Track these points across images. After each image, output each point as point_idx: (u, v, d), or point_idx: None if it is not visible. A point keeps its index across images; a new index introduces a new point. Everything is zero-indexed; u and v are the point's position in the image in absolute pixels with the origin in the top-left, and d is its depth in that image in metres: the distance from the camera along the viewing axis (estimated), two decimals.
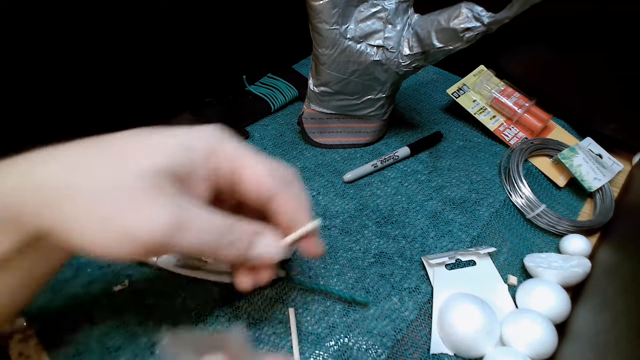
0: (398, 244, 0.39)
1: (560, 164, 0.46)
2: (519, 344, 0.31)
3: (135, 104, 0.47)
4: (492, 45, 0.50)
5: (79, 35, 0.39)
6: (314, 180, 0.45)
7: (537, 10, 0.34)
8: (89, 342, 0.30)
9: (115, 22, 0.41)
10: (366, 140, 0.49)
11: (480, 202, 0.43)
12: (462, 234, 0.40)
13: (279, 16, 0.56)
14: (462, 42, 0.37)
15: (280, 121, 0.52)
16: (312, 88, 0.44)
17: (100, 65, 0.42)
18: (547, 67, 0.51)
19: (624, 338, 0.25)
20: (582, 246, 0.38)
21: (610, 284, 0.33)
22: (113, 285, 0.34)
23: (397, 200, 0.43)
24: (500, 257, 0.39)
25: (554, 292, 0.34)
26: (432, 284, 0.36)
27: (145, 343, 0.31)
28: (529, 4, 0.33)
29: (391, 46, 0.40)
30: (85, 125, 0.44)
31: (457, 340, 0.31)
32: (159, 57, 0.46)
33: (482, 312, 0.32)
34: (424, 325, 0.34)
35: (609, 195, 0.44)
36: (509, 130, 0.51)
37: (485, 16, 0.35)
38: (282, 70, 0.59)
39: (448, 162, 0.48)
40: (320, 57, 0.40)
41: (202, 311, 0.33)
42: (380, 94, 0.44)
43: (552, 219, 0.41)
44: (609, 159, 0.48)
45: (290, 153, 0.48)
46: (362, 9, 0.39)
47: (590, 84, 0.48)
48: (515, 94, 0.51)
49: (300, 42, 0.52)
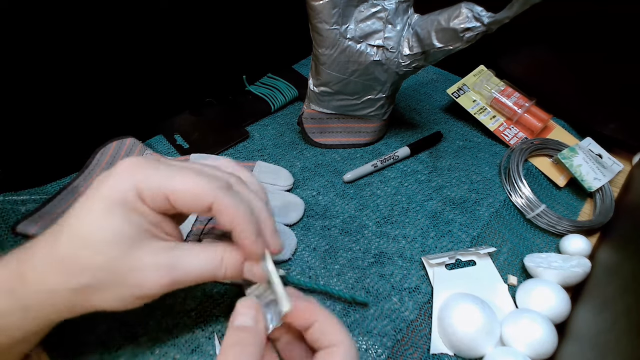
0: (398, 244, 0.39)
1: (560, 164, 0.46)
2: (519, 344, 0.31)
3: (136, 103, 0.47)
4: (492, 45, 0.50)
5: (79, 36, 0.39)
6: (314, 180, 0.45)
7: (537, 10, 0.34)
8: (89, 342, 0.30)
9: (115, 22, 0.41)
10: (366, 140, 0.49)
11: (480, 202, 0.43)
12: (462, 234, 0.40)
13: (279, 16, 0.56)
14: (462, 42, 0.37)
15: (280, 121, 0.52)
16: (312, 88, 0.44)
17: (101, 65, 0.42)
18: (547, 67, 0.51)
19: (624, 338, 0.25)
20: (582, 246, 0.38)
21: (610, 284, 0.33)
22: None
23: (397, 200, 0.43)
24: (500, 257, 0.39)
25: (554, 292, 0.34)
26: (432, 284, 0.36)
27: (145, 343, 0.31)
28: (529, 4, 0.33)
29: (391, 46, 0.40)
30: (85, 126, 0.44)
31: (457, 340, 0.31)
32: (159, 57, 0.46)
33: (482, 312, 0.32)
34: (424, 325, 0.34)
35: (609, 195, 0.44)
36: (509, 130, 0.51)
37: (485, 16, 0.35)
38: (282, 70, 0.59)
39: (448, 162, 0.48)
40: (320, 57, 0.40)
41: (202, 311, 0.33)
42: (380, 94, 0.44)
43: (552, 219, 0.41)
44: (609, 159, 0.48)
45: (290, 153, 0.48)
46: (362, 9, 0.39)
47: (590, 84, 0.48)
48: (515, 94, 0.51)
49: (300, 42, 0.52)
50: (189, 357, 0.30)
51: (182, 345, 0.31)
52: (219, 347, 0.31)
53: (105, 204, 0.23)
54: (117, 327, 0.31)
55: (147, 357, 0.30)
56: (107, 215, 0.23)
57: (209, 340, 0.31)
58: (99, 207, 0.23)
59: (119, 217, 0.23)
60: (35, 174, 0.41)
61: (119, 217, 0.23)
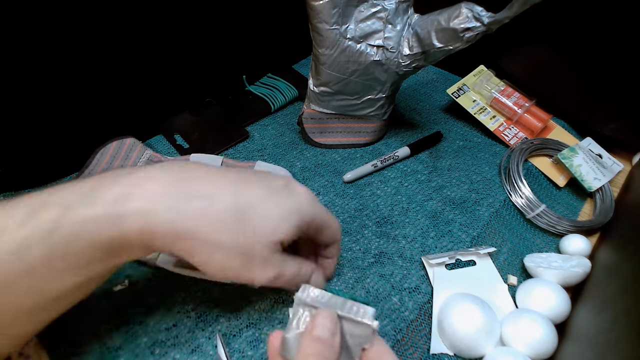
0: (398, 244, 0.39)
1: (560, 164, 0.46)
2: (519, 344, 0.31)
3: (136, 103, 0.47)
4: (492, 45, 0.50)
5: (79, 36, 0.39)
6: (314, 180, 0.45)
7: (537, 10, 0.34)
8: (89, 342, 0.30)
9: (115, 22, 0.41)
10: (366, 140, 0.49)
11: (480, 202, 0.43)
12: (462, 234, 0.40)
13: (279, 16, 0.56)
14: (462, 42, 0.37)
15: (280, 121, 0.52)
16: (312, 88, 0.44)
17: (101, 65, 0.42)
18: (547, 67, 0.51)
19: (624, 338, 0.25)
20: (582, 246, 0.38)
21: (610, 284, 0.33)
22: (113, 285, 0.34)
23: (397, 200, 0.43)
24: (500, 257, 0.39)
25: (554, 292, 0.34)
26: (432, 284, 0.36)
27: (145, 343, 0.31)
28: (529, 4, 0.33)
29: (391, 46, 0.40)
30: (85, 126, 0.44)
31: (457, 340, 0.31)
32: (159, 57, 0.46)
33: (482, 312, 0.32)
34: (424, 325, 0.34)
35: (609, 195, 0.44)
36: (509, 130, 0.51)
37: (485, 16, 0.35)
38: (282, 70, 0.59)
39: (448, 162, 0.48)
40: (320, 57, 0.40)
41: (202, 311, 0.33)
42: (380, 94, 0.44)
43: (552, 219, 0.41)
44: (609, 159, 0.48)
45: (290, 153, 0.48)
46: (362, 9, 0.39)
47: (590, 84, 0.48)
48: (515, 94, 0.51)
49: (300, 42, 0.52)
50: (189, 357, 0.30)
51: (182, 345, 0.31)
52: (221, 347, 0.31)
53: (290, 211, 0.28)
54: (117, 327, 0.31)
55: (147, 357, 0.30)
56: (286, 221, 0.27)
57: (209, 340, 0.31)
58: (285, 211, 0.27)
59: (293, 228, 0.27)
60: (35, 174, 0.41)
61: (293, 227, 0.27)
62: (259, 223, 0.26)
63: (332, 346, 0.23)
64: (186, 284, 0.34)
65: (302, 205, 0.28)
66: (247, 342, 0.32)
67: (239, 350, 0.31)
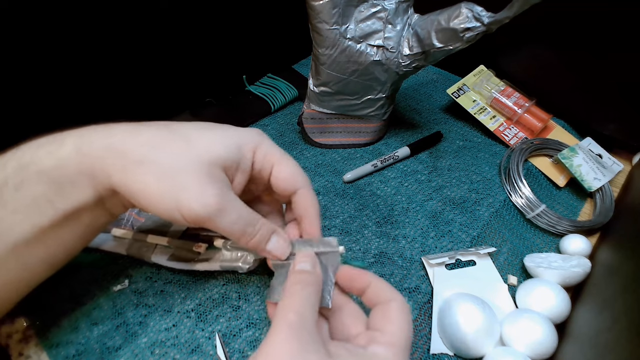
0: (398, 244, 0.39)
1: (560, 164, 0.46)
2: (519, 344, 0.31)
3: (136, 103, 0.47)
4: (492, 45, 0.50)
5: (79, 35, 0.39)
6: (314, 180, 0.45)
7: (537, 10, 0.34)
8: (89, 342, 0.31)
9: (115, 22, 0.41)
10: (366, 140, 0.49)
11: (480, 202, 0.43)
12: (462, 234, 0.40)
13: (279, 16, 0.56)
14: (462, 42, 0.37)
15: (280, 121, 0.52)
16: (312, 88, 0.44)
17: (101, 65, 0.42)
18: (547, 67, 0.51)
19: (624, 338, 0.25)
20: (582, 246, 0.38)
21: (610, 284, 0.33)
22: (113, 285, 0.34)
23: (397, 200, 0.43)
24: (500, 257, 0.39)
25: (554, 292, 0.34)
26: (432, 284, 0.36)
27: (145, 343, 0.31)
28: (529, 4, 0.33)
29: (391, 46, 0.40)
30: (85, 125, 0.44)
31: (457, 340, 0.31)
32: (159, 57, 0.46)
33: (482, 312, 0.32)
34: (424, 325, 0.34)
35: (609, 195, 0.44)
36: (509, 130, 0.51)
37: (485, 16, 0.35)
38: (282, 70, 0.59)
39: (448, 162, 0.48)
40: (320, 57, 0.40)
41: (202, 311, 0.33)
42: (380, 94, 0.44)
43: (552, 219, 0.41)
44: (609, 159, 0.48)
45: (290, 153, 0.47)
46: (362, 9, 0.39)
47: (590, 84, 0.48)
48: (515, 94, 0.51)
49: (300, 42, 0.52)
50: (189, 357, 0.30)
51: (182, 345, 0.31)
52: (220, 347, 0.31)
53: (233, 140, 0.27)
54: (117, 327, 0.31)
55: (147, 357, 0.30)
56: (222, 141, 0.26)
57: (209, 340, 0.31)
58: (223, 138, 0.26)
59: (230, 147, 0.26)
60: None
61: (233, 153, 0.26)
62: (193, 141, 0.25)
63: (315, 274, 0.26)
64: (186, 284, 0.34)
65: (243, 132, 0.28)
66: (247, 342, 0.32)
67: (239, 350, 0.31)
